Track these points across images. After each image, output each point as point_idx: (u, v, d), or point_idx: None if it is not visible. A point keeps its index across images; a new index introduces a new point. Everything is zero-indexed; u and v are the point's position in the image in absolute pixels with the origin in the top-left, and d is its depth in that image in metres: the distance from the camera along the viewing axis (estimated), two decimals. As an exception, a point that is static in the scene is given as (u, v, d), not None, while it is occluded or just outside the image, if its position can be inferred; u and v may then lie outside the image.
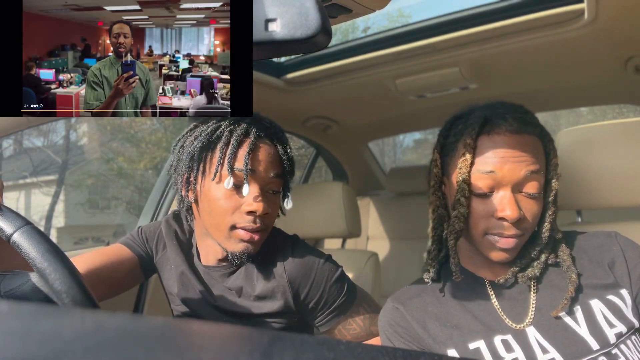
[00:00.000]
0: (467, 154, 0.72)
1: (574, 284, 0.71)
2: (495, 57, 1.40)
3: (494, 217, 0.71)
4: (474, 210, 0.73)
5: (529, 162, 0.70)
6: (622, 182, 1.00)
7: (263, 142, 0.86)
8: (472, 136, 0.72)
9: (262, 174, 0.84)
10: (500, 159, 0.70)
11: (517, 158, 0.70)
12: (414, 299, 0.81)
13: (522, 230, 0.71)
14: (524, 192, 0.71)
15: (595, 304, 0.71)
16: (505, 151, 0.70)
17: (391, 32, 1.42)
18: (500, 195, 0.71)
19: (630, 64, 1.38)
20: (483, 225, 0.72)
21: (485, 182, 0.71)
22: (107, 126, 9.91)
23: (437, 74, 1.51)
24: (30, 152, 10.04)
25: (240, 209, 0.83)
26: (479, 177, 0.71)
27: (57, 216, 10.00)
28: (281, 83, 1.58)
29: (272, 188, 0.87)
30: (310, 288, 0.89)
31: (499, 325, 0.73)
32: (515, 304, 0.74)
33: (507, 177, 0.70)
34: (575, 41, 1.27)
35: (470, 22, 1.28)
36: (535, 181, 0.71)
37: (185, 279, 0.96)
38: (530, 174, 0.70)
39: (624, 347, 0.67)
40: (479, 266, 0.80)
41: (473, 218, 0.73)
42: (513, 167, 0.70)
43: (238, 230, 0.84)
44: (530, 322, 0.72)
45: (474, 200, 0.73)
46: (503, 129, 0.71)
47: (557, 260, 0.76)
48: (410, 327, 0.78)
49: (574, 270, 0.72)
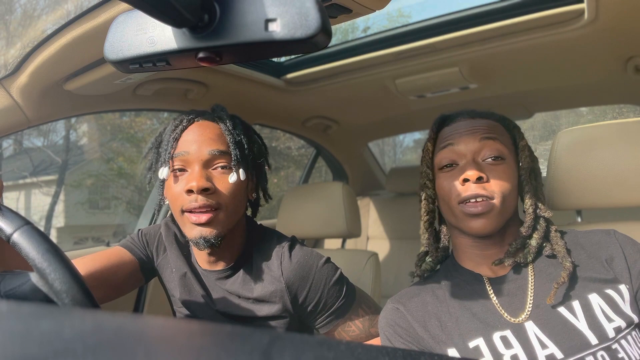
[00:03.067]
0: (429, 143, 0.83)
1: (568, 271, 0.72)
2: (495, 57, 1.40)
3: (459, 183, 0.75)
4: (442, 184, 0.79)
5: (483, 131, 0.77)
6: (622, 182, 1.00)
7: (199, 124, 0.88)
8: (433, 130, 0.84)
9: (199, 152, 0.84)
10: (457, 134, 0.79)
11: (471, 130, 0.78)
12: (414, 299, 0.81)
13: (490, 192, 0.74)
14: (485, 159, 0.77)
15: (594, 298, 0.71)
16: (461, 129, 0.79)
17: (391, 32, 1.42)
18: (462, 163, 0.77)
19: (630, 64, 1.38)
20: (453, 194, 0.76)
21: (445, 154, 0.79)
22: (107, 126, 9.91)
23: (437, 74, 1.51)
24: (30, 152, 10.04)
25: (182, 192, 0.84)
26: (440, 155, 0.80)
27: (57, 216, 9.99)
28: (281, 83, 1.58)
29: (217, 165, 0.85)
30: (309, 291, 0.89)
31: (497, 321, 0.73)
32: (513, 299, 0.74)
33: (464, 146, 0.77)
34: (575, 41, 1.26)
35: (470, 22, 1.28)
36: (492, 143, 0.77)
37: (185, 282, 0.96)
38: (486, 139, 0.77)
39: (624, 343, 0.67)
40: (477, 262, 0.80)
41: (443, 192, 0.79)
42: (468, 136, 0.77)
43: (186, 214, 0.84)
44: (528, 315, 0.72)
45: (441, 177, 0.79)
46: (459, 118, 0.81)
47: (553, 252, 0.77)
48: (410, 328, 0.78)
49: (569, 259, 0.74)
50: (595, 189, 1.02)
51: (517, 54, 1.37)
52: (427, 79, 1.54)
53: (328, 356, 0.21)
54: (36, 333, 0.22)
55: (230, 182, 0.85)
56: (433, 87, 1.63)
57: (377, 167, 2.65)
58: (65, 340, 0.21)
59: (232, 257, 0.93)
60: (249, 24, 0.36)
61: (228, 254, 0.93)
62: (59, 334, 0.22)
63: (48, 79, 1.02)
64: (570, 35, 1.23)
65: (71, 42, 0.88)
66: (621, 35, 1.21)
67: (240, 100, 1.58)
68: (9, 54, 1.02)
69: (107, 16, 0.80)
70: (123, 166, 10.20)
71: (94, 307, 0.53)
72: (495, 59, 1.42)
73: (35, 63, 0.96)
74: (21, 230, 0.53)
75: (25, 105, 1.06)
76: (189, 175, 0.84)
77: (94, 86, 1.08)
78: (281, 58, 1.61)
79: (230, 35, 0.37)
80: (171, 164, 0.86)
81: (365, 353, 0.23)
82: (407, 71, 1.51)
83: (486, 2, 1.28)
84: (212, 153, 0.84)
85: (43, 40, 0.91)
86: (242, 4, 0.37)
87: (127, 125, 9.58)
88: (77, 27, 0.85)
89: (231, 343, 0.22)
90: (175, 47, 0.39)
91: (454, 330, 0.74)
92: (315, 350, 0.22)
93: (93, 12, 0.81)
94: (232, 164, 0.86)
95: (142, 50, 0.40)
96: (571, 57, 1.39)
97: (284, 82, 1.59)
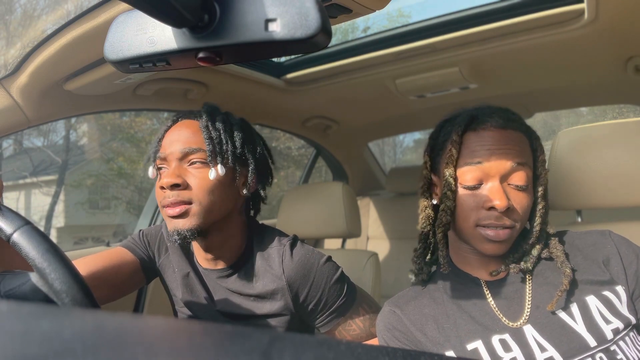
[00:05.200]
0: (453, 149, 0.74)
1: (569, 278, 0.71)
2: (495, 57, 1.40)
3: (483, 208, 0.72)
4: (464, 202, 0.74)
5: (515, 154, 0.72)
6: (622, 182, 1.00)
7: (179, 123, 0.90)
8: (458, 133, 0.75)
9: (174, 150, 0.86)
10: (487, 151, 0.72)
11: (503, 150, 0.72)
12: (411, 302, 0.81)
13: (513, 221, 0.72)
14: (511, 184, 0.72)
15: (591, 300, 0.71)
16: (492, 144, 0.72)
17: (391, 32, 1.42)
18: (488, 186, 0.72)
19: (630, 64, 1.38)
20: (474, 217, 0.73)
21: (473, 174, 0.72)
22: (107, 126, 9.90)
23: (437, 74, 1.51)
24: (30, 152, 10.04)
25: (159, 189, 0.86)
26: (467, 169, 0.73)
27: (57, 216, 9.99)
28: (281, 83, 1.58)
29: (193, 161, 0.86)
30: (310, 289, 0.89)
31: (496, 324, 0.73)
32: (511, 303, 0.74)
33: (495, 168, 0.71)
34: (575, 41, 1.26)
35: (470, 22, 1.28)
36: (522, 172, 0.72)
37: (188, 282, 0.96)
38: (517, 165, 0.72)
39: (622, 344, 0.67)
40: (475, 266, 0.80)
41: (463, 210, 0.74)
42: (500, 158, 0.71)
43: (162, 209, 0.86)
44: (526, 319, 0.72)
45: (463, 193, 0.74)
46: (488, 125, 0.74)
47: (550, 255, 0.76)
48: (407, 331, 0.78)
49: (568, 264, 0.73)
50: (595, 189, 1.02)
51: (517, 54, 1.37)
52: (427, 79, 1.54)
53: (328, 356, 0.21)
54: (36, 333, 0.22)
55: (210, 178, 0.85)
56: (433, 87, 1.63)
57: (377, 167, 2.65)
58: (65, 340, 0.21)
59: (231, 255, 0.93)
60: (249, 24, 0.36)
61: (227, 253, 0.93)
62: (59, 334, 0.22)
63: (48, 79, 1.02)
64: (570, 35, 1.23)
65: (71, 42, 0.88)
66: (621, 35, 1.21)
67: (240, 100, 1.58)
68: (9, 54, 1.02)
69: (107, 16, 0.80)
70: (123, 166, 10.20)
71: (94, 307, 0.53)
72: (495, 59, 1.42)
73: (35, 63, 0.96)
74: (21, 230, 0.53)
75: (25, 105, 1.06)
76: (164, 173, 0.87)
77: (94, 86, 1.08)
78: (281, 58, 1.61)
79: (230, 35, 0.37)
80: (155, 164, 0.90)
81: (365, 353, 0.23)
82: (407, 71, 1.51)
83: (486, 2, 1.28)
84: (184, 151, 0.86)
85: (43, 40, 0.91)
86: (242, 4, 0.37)
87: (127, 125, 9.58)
88: (77, 27, 0.85)
89: (231, 343, 0.22)
90: (175, 47, 0.39)
91: (451, 332, 0.74)
92: (315, 350, 0.22)
93: (93, 12, 0.81)
94: (217, 162, 0.86)
95: (142, 50, 0.40)
96: (571, 57, 1.39)
97: (284, 82, 1.59)
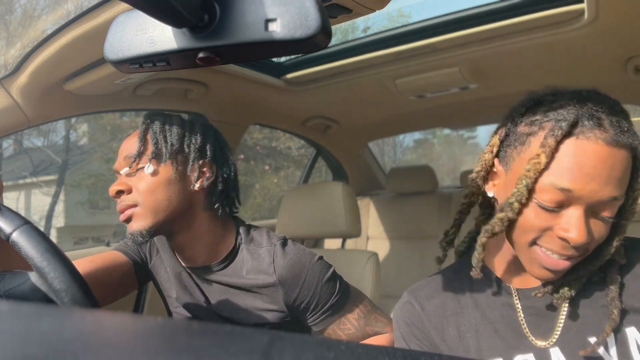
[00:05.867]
0: (543, 156, 0.58)
1: (613, 323, 0.60)
2: (495, 57, 1.40)
3: (552, 231, 0.59)
4: (529, 219, 0.60)
5: (616, 185, 0.57)
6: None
7: (128, 137, 0.94)
8: (555, 136, 0.57)
9: (119, 161, 0.91)
10: (584, 176, 0.56)
11: (604, 179, 0.56)
12: (434, 300, 0.74)
13: (582, 252, 0.60)
14: (598, 215, 0.59)
15: (632, 332, 0.61)
16: (592, 167, 0.56)
17: (391, 32, 1.42)
18: (569, 212, 0.58)
19: (630, 64, 1.38)
20: (534, 235, 0.60)
21: (556, 197, 0.58)
22: (107, 126, 9.90)
23: (437, 74, 1.51)
24: (30, 152, 10.03)
25: None
26: (549, 189, 0.58)
27: (57, 216, 9.99)
28: (281, 83, 1.58)
29: (140, 167, 0.88)
30: (302, 288, 0.89)
31: (521, 342, 0.65)
32: (542, 320, 0.66)
33: (586, 197, 0.57)
34: (575, 41, 1.26)
35: (470, 22, 1.28)
36: (615, 207, 0.59)
37: (181, 280, 0.97)
38: (613, 200, 0.58)
39: None
40: (510, 272, 0.70)
41: (523, 225, 0.61)
42: (596, 188, 0.56)
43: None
44: (554, 341, 0.64)
45: (533, 209, 0.60)
46: (596, 136, 0.57)
47: (603, 283, 0.65)
48: (427, 332, 0.72)
49: (618, 305, 0.61)
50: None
51: (517, 54, 1.37)
52: (427, 79, 1.54)
53: (328, 356, 0.21)
54: (36, 333, 0.22)
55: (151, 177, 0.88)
56: (433, 87, 1.63)
57: (377, 167, 2.65)
58: (65, 340, 0.21)
59: (212, 253, 0.92)
60: (249, 24, 0.36)
61: (203, 251, 0.91)
62: (59, 334, 0.22)
63: (48, 79, 1.02)
64: (570, 35, 1.23)
65: (71, 42, 0.88)
66: (621, 35, 1.21)
67: (241, 100, 1.58)
68: (9, 54, 1.02)
69: (107, 16, 0.79)
70: (123, 166, 10.17)
71: (93, 306, 0.53)
72: (495, 59, 1.42)
73: (35, 63, 0.96)
74: (20, 229, 0.53)
75: (25, 105, 1.06)
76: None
77: (94, 86, 1.08)
78: (281, 58, 1.61)
79: (230, 35, 0.37)
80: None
81: (365, 353, 0.23)
82: (407, 71, 1.51)
83: (486, 2, 1.28)
84: (126, 159, 0.89)
85: (43, 40, 0.91)
86: (242, 4, 0.37)
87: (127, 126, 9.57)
88: (77, 27, 0.85)
89: (231, 343, 0.22)
90: (175, 47, 0.39)
91: (471, 344, 0.69)
92: (315, 350, 0.22)
93: (93, 12, 0.81)
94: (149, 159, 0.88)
95: (142, 50, 0.40)
96: (571, 57, 1.39)
97: (284, 82, 1.59)
